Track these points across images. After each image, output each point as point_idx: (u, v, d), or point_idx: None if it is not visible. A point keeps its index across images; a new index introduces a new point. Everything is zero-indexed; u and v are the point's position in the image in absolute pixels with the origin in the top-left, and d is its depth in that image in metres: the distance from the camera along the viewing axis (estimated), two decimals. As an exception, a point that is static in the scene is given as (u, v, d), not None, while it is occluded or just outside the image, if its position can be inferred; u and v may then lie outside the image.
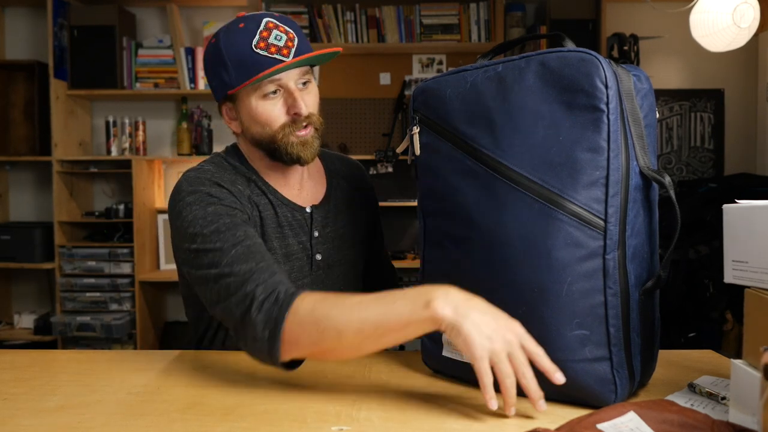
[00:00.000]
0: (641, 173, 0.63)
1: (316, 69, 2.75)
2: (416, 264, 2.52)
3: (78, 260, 2.49)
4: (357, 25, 2.62)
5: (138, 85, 2.59)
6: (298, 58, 0.79)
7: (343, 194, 0.97)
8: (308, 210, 0.91)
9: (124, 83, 2.58)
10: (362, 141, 2.78)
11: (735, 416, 0.56)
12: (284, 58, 0.79)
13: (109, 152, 2.62)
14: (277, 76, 0.80)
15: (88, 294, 2.48)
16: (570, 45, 0.65)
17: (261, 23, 0.80)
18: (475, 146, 0.68)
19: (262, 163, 0.89)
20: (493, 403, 0.59)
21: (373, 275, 1.04)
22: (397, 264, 2.72)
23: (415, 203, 2.69)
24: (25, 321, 2.63)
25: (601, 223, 0.61)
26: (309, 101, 0.84)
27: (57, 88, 2.50)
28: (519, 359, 0.59)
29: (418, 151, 0.75)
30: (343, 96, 2.76)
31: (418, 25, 2.63)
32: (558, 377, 0.59)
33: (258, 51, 0.79)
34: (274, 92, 0.81)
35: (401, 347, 1.03)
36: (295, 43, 0.81)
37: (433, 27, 2.63)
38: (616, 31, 2.56)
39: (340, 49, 0.85)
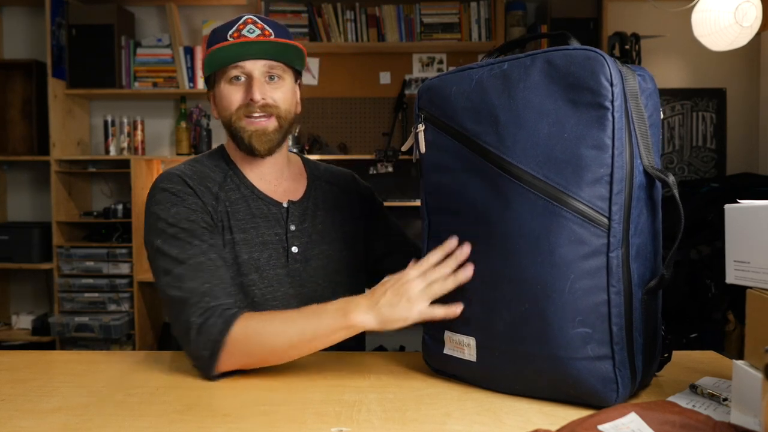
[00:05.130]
0: (645, 171, 0.63)
1: (315, 68, 2.75)
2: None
3: (76, 260, 2.48)
4: (357, 24, 2.62)
5: (136, 84, 2.59)
6: (255, 38, 0.86)
7: (324, 195, 0.99)
8: (285, 205, 0.93)
9: (122, 82, 2.57)
10: (362, 140, 2.78)
11: (737, 417, 0.56)
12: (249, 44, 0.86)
13: (107, 152, 2.61)
14: (241, 63, 0.87)
15: (86, 294, 2.47)
16: (575, 43, 0.65)
17: (242, 19, 0.89)
18: (480, 143, 0.68)
19: (238, 155, 0.94)
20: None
21: (401, 268, 1.04)
22: (396, 264, 2.67)
23: (415, 203, 2.69)
24: (23, 322, 2.62)
25: (605, 220, 0.61)
26: (275, 95, 0.89)
27: (55, 88, 2.49)
28: (433, 282, 0.71)
29: (423, 149, 0.75)
30: (343, 95, 2.75)
31: (419, 24, 2.62)
32: None
33: (229, 38, 0.87)
34: (238, 78, 0.88)
35: (401, 347, 1.03)
36: (268, 38, 0.87)
37: (434, 26, 2.63)
38: (617, 30, 2.56)
39: (301, 46, 0.90)
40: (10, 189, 2.75)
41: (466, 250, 0.69)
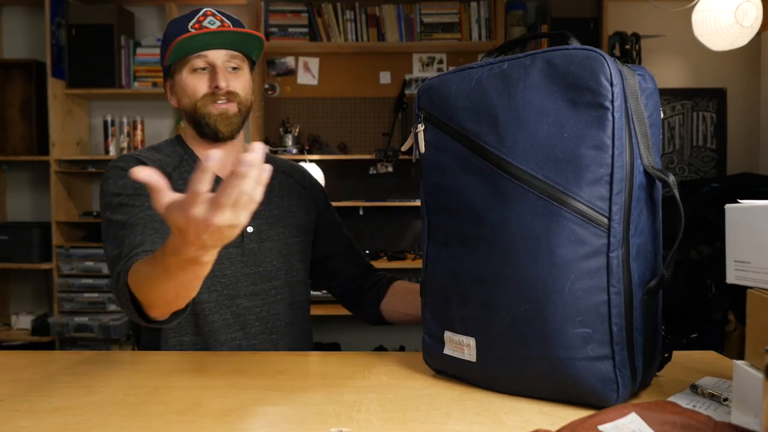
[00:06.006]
0: (645, 171, 0.63)
1: (315, 68, 2.75)
2: (416, 264, 2.51)
3: (76, 260, 2.48)
4: (357, 23, 2.62)
5: (136, 84, 2.59)
6: (219, 29, 0.91)
7: (281, 184, 1.03)
8: None
9: (122, 82, 2.57)
10: (362, 140, 2.78)
11: (737, 417, 0.56)
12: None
13: (107, 152, 2.61)
14: (204, 53, 0.91)
15: (86, 294, 2.47)
16: (575, 43, 0.65)
17: (201, 11, 0.93)
18: (479, 143, 0.68)
19: (196, 141, 0.98)
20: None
21: (344, 270, 1.09)
22: (397, 264, 2.70)
23: (415, 203, 2.69)
24: (23, 322, 2.62)
25: (605, 220, 0.61)
26: (236, 84, 0.94)
27: (55, 87, 2.49)
28: (235, 200, 0.53)
29: (422, 149, 0.75)
30: (343, 95, 2.75)
31: (419, 24, 2.62)
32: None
33: (191, 30, 0.91)
34: (203, 69, 0.92)
35: (401, 347, 1.05)
36: (229, 29, 0.92)
37: (434, 26, 2.63)
38: (617, 29, 2.56)
39: (262, 35, 0.96)
40: (9, 189, 2.75)
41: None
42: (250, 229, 0.95)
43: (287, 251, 0.99)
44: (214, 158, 0.51)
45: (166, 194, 0.55)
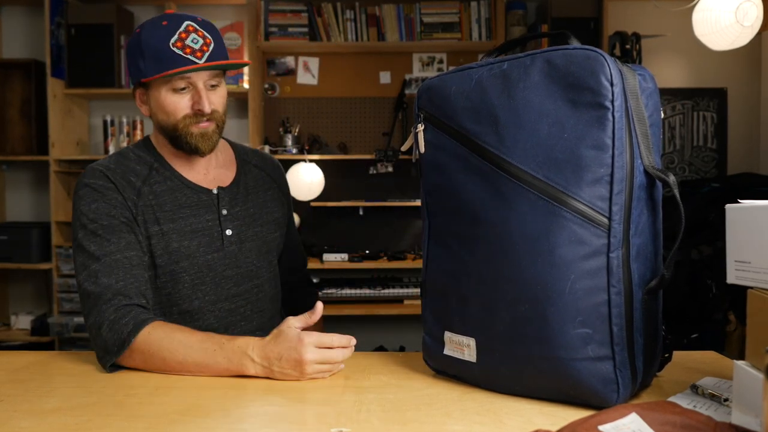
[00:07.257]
0: (645, 171, 0.63)
1: (315, 67, 2.76)
2: (416, 264, 2.51)
3: (76, 260, 2.48)
4: (357, 23, 2.62)
5: (136, 83, 2.58)
6: (208, 63, 0.89)
7: (254, 180, 1.03)
8: (215, 191, 0.97)
9: (122, 82, 2.57)
10: (362, 140, 2.78)
11: (737, 418, 0.56)
12: (197, 60, 0.88)
13: (107, 152, 2.61)
14: (187, 75, 0.89)
15: (86, 294, 2.47)
16: (575, 43, 0.65)
17: (182, 25, 0.89)
18: (480, 143, 0.68)
19: (167, 149, 0.97)
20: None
21: (285, 264, 1.10)
22: (397, 264, 2.69)
23: (415, 203, 2.69)
24: (22, 322, 2.62)
25: (606, 221, 0.61)
26: (215, 100, 0.93)
27: (54, 87, 2.49)
28: (326, 363, 0.76)
29: (422, 149, 0.75)
30: (343, 95, 2.75)
31: (419, 24, 2.62)
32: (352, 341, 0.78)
33: (174, 49, 0.87)
34: (183, 88, 0.91)
35: (401, 348, 1.06)
36: (210, 48, 0.90)
37: (434, 25, 2.63)
38: (618, 29, 2.56)
39: (248, 62, 0.99)
40: (9, 189, 2.74)
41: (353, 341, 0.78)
42: (229, 232, 0.95)
43: (266, 249, 1.00)
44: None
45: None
